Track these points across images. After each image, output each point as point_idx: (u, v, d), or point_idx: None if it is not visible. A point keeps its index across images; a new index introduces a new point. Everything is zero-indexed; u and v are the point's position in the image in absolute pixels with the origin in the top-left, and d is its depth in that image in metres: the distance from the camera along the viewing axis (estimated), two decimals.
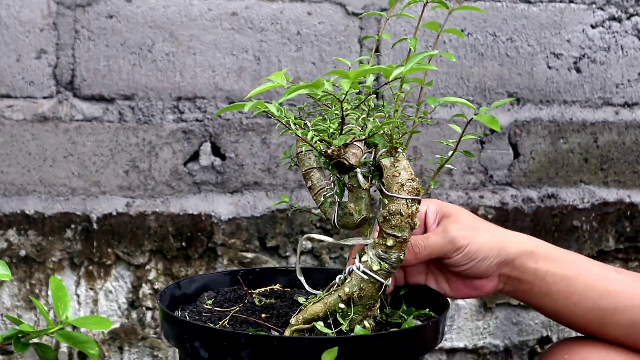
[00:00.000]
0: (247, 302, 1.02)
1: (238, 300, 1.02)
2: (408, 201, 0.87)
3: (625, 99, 1.70)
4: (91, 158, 1.54)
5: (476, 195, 1.64)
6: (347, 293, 0.90)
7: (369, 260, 0.90)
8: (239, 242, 1.56)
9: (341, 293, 0.90)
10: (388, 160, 0.88)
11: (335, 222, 0.92)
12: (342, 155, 0.83)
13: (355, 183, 0.91)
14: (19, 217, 1.51)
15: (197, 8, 1.54)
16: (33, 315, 1.54)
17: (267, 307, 1.00)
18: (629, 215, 1.69)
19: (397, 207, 0.87)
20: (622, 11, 1.68)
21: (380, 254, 0.89)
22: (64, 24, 1.52)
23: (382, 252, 0.89)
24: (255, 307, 1.00)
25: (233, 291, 1.06)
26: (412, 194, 0.87)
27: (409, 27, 1.60)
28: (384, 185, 0.88)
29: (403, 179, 0.87)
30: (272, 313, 0.97)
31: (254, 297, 1.03)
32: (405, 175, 0.87)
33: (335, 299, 0.90)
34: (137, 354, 1.57)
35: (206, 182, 1.57)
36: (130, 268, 1.55)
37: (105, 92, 1.54)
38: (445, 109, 1.63)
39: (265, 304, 1.01)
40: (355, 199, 0.91)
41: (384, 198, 0.88)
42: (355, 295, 0.90)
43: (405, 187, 0.87)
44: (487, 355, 1.68)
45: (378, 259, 0.89)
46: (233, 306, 1.00)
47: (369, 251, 0.91)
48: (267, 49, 1.57)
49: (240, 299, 1.03)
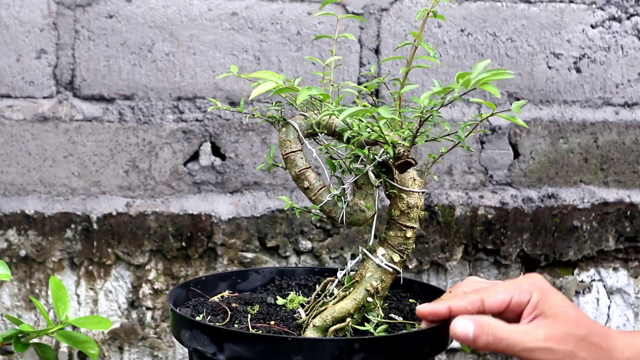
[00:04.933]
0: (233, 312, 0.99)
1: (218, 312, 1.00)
2: (420, 194, 0.92)
3: (625, 99, 1.70)
4: (91, 158, 1.54)
5: (476, 195, 1.64)
6: (374, 286, 0.93)
7: (387, 253, 0.93)
8: (239, 242, 1.56)
9: (368, 287, 0.93)
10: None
11: (344, 219, 0.94)
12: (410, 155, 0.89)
13: (365, 181, 0.93)
14: (19, 217, 1.51)
15: (197, 8, 1.54)
16: (33, 315, 1.54)
17: (263, 314, 0.98)
18: (629, 215, 1.69)
19: (415, 201, 0.92)
20: (622, 11, 1.68)
21: (399, 246, 0.93)
22: (64, 24, 1.52)
23: (400, 243, 0.93)
24: (252, 315, 0.99)
25: (200, 304, 1.04)
26: (420, 188, 0.93)
27: (409, 27, 1.60)
28: (395, 182, 0.92)
29: (414, 174, 0.92)
30: (275, 319, 0.96)
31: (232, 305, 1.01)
32: (414, 171, 0.92)
33: (363, 293, 0.93)
34: (137, 354, 1.57)
35: (206, 182, 1.57)
36: (130, 268, 1.55)
37: (105, 92, 1.54)
38: (445, 109, 1.63)
39: (262, 309, 1.00)
40: (365, 196, 0.93)
41: (401, 193, 0.92)
42: (380, 287, 0.93)
43: (417, 181, 0.92)
44: (487, 355, 1.68)
45: (397, 251, 0.93)
46: (221, 317, 0.98)
47: (380, 245, 0.94)
48: (267, 49, 1.57)
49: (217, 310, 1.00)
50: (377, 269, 0.93)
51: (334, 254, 1.59)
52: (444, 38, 1.62)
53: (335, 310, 0.92)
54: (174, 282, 1.56)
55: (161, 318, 1.57)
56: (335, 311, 0.92)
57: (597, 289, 1.70)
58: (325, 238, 1.59)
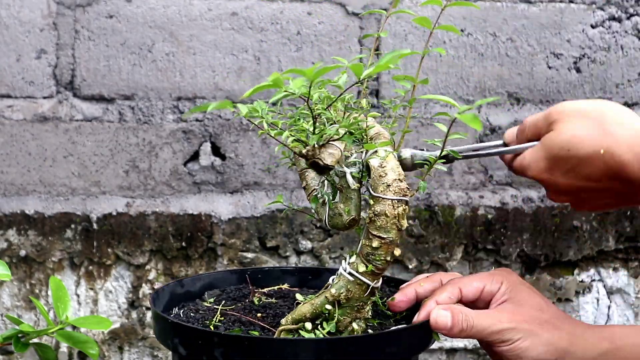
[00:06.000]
0: (247, 301, 1.02)
1: (241, 299, 1.02)
2: (394, 202, 0.85)
3: (625, 99, 1.70)
4: (91, 158, 1.54)
5: (476, 195, 1.64)
6: (334, 294, 0.89)
7: (356, 261, 0.89)
8: (239, 242, 1.56)
9: (328, 294, 0.90)
10: (376, 160, 0.86)
11: (326, 222, 0.92)
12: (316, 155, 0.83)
13: (345, 183, 0.89)
14: (19, 217, 1.51)
15: (197, 8, 1.54)
16: (33, 315, 1.54)
17: (265, 307, 1.00)
18: (629, 215, 1.69)
19: (383, 208, 0.85)
20: (622, 11, 1.68)
21: (366, 256, 0.88)
22: (64, 24, 1.52)
23: (368, 253, 0.87)
24: (253, 307, 1.00)
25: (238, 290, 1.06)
26: (398, 195, 0.85)
27: (409, 27, 1.60)
28: (370, 186, 0.87)
29: (389, 180, 0.85)
30: (268, 312, 0.97)
31: (256, 296, 1.03)
32: (392, 176, 0.85)
33: (322, 300, 0.90)
34: (137, 354, 1.57)
35: (206, 182, 1.57)
36: (130, 268, 1.55)
37: (105, 92, 1.54)
38: (445, 108, 1.63)
39: (265, 304, 1.01)
40: (345, 199, 0.90)
41: (370, 199, 0.87)
42: (342, 296, 0.89)
43: (392, 187, 0.85)
44: (487, 355, 1.68)
45: (364, 261, 0.88)
46: (234, 305, 1.00)
47: (354, 253, 0.90)
48: (267, 49, 1.57)
49: (243, 298, 1.03)
50: (341, 277, 0.89)
51: (334, 254, 1.59)
52: (443, 38, 1.62)
53: (296, 312, 0.91)
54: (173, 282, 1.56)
55: None
56: (295, 314, 0.91)
57: (597, 289, 1.70)
58: (325, 238, 1.59)
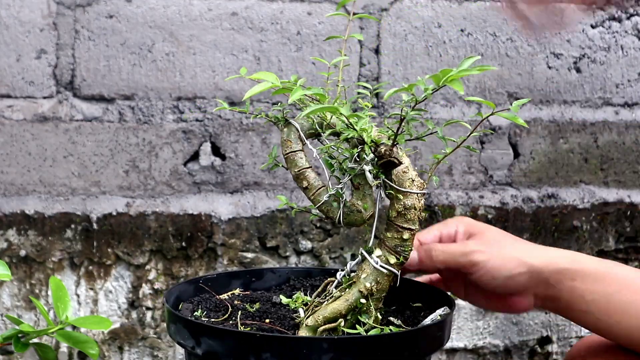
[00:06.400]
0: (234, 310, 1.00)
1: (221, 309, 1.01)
2: (419, 195, 0.91)
3: (625, 99, 1.70)
4: (91, 158, 1.54)
5: (476, 195, 1.64)
6: (368, 288, 0.92)
7: (384, 254, 0.93)
8: (239, 242, 1.56)
9: (362, 288, 0.92)
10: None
11: (341, 220, 0.94)
12: (392, 154, 0.89)
13: (362, 181, 0.93)
14: (19, 217, 1.51)
15: (197, 8, 1.54)
16: (33, 315, 1.54)
17: (261, 312, 0.99)
18: (629, 215, 1.69)
19: (412, 202, 0.91)
20: (622, 11, 1.68)
21: (395, 248, 0.93)
22: (64, 24, 1.52)
23: (397, 245, 0.93)
24: (249, 313, 0.99)
25: (205, 300, 1.04)
26: (420, 189, 0.92)
27: (409, 27, 1.60)
28: (393, 182, 0.91)
29: (412, 175, 0.91)
30: (271, 317, 0.96)
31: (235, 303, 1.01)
32: (413, 172, 0.91)
33: (356, 295, 0.92)
34: (137, 354, 1.57)
35: (206, 182, 1.58)
36: (130, 268, 1.55)
37: (105, 92, 1.54)
38: (445, 108, 1.63)
39: (257, 309, 1.00)
40: (362, 196, 0.93)
41: (398, 194, 0.91)
42: (374, 289, 0.93)
43: (416, 182, 0.91)
44: (487, 355, 1.68)
45: (394, 253, 0.93)
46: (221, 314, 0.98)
47: (377, 247, 0.94)
48: (267, 49, 1.57)
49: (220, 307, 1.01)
50: (373, 270, 0.93)
51: (334, 254, 1.59)
52: (443, 38, 1.62)
53: (328, 310, 0.92)
54: (173, 282, 1.56)
55: (161, 318, 1.57)
56: (327, 311, 0.92)
57: None
58: (326, 238, 1.59)
